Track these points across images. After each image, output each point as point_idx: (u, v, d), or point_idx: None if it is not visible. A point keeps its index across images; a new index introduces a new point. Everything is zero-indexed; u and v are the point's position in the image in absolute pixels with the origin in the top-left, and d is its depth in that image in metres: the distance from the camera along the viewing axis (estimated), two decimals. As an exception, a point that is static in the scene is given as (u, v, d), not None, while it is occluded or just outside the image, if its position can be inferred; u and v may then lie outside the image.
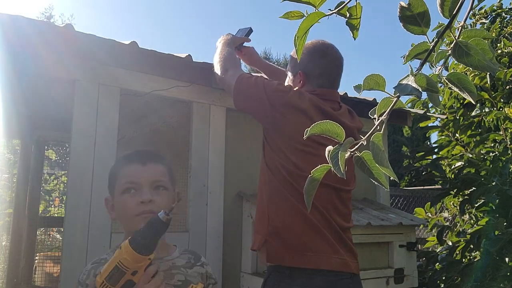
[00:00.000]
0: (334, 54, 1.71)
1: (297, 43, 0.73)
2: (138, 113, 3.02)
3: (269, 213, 1.52)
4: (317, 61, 1.67)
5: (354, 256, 1.53)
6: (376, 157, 0.57)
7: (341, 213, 1.55)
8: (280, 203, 1.50)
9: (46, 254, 3.88)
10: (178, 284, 1.21)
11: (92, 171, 1.93)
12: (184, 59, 2.10)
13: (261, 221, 1.56)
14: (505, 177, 2.35)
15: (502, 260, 2.19)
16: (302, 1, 0.75)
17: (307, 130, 0.62)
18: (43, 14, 18.28)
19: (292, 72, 1.73)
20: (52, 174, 5.17)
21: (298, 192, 1.46)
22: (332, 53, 1.71)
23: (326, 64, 1.68)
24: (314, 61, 1.67)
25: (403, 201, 6.65)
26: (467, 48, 0.62)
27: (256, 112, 1.63)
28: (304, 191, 0.64)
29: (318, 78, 1.67)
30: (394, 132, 11.70)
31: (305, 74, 1.67)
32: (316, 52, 1.69)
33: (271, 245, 1.50)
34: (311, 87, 1.66)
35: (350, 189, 1.62)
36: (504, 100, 2.93)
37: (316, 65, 1.67)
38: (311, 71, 1.67)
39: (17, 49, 1.83)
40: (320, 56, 1.68)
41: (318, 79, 1.67)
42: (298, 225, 1.47)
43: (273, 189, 1.53)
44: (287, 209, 1.49)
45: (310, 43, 1.71)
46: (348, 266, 1.47)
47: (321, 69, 1.67)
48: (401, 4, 0.62)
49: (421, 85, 0.59)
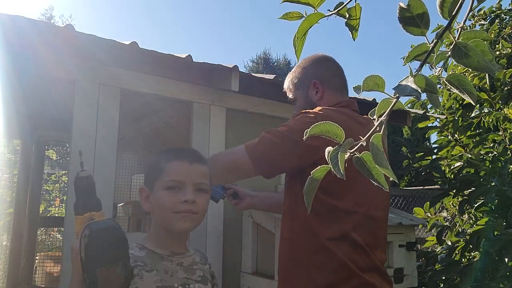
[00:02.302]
0: (332, 58, 1.69)
1: (297, 44, 0.73)
2: (138, 113, 3.02)
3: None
4: (325, 65, 1.64)
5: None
6: (375, 158, 0.58)
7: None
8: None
9: (47, 254, 3.89)
10: (198, 279, 1.23)
11: (92, 171, 1.93)
12: (184, 59, 2.10)
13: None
14: (504, 177, 2.35)
15: (501, 260, 2.19)
16: (301, 1, 0.75)
17: (306, 131, 0.62)
18: (44, 15, 18.26)
19: (303, 89, 1.63)
20: (52, 174, 5.17)
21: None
22: (331, 58, 1.69)
23: (333, 66, 1.66)
24: (323, 66, 1.64)
25: (403, 201, 6.66)
26: (467, 49, 0.62)
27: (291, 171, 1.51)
28: (304, 192, 0.64)
29: (333, 80, 1.62)
30: (394, 133, 11.71)
31: (320, 81, 1.60)
32: (319, 59, 1.67)
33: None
34: (332, 93, 1.60)
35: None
36: (503, 101, 2.93)
37: (327, 69, 1.63)
38: (324, 75, 1.61)
39: (17, 49, 1.83)
40: (324, 61, 1.66)
41: (333, 81, 1.62)
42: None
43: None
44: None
45: (309, 57, 1.68)
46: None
47: (332, 71, 1.64)
48: (400, 5, 0.63)
49: (420, 86, 0.59)
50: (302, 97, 1.63)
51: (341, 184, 1.19)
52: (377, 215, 1.49)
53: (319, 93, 1.60)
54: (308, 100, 1.61)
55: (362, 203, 1.44)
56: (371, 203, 1.47)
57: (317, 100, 1.60)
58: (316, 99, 1.60)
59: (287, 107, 2.51)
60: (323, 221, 1.41)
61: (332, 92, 1.60)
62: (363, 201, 1.44)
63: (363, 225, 1.44)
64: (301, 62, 1.67)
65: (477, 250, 2.46)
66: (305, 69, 1.64)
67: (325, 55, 1.69)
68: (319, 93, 1.60)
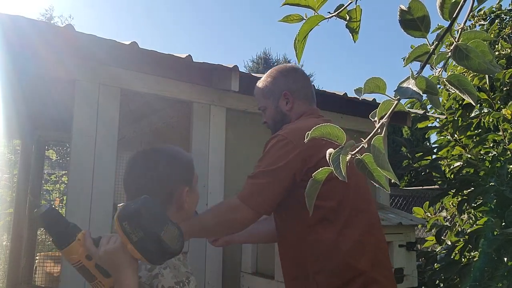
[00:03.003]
0: (300, 68, 1.75)
1: (297, 47, 0.73)
2: (138, 113, 3.02)
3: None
4: (293, 76, 1.69)
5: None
6: (377, 160, 0.58)
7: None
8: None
9: (47, 254, 3.89)
10: (191, 272, 1.20)
11: (92, 171, 1.93)
12: (184, 59, 2.10)
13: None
14: (503, 177, 2.36)
15: (500, 260, 2.19)
16: (301, 4, 0.75)
17: (307, 134, 0.62)
18: (44, 15, 18.25)
19: (274, 99, 1.67)
20: (52, 174, 5.18)
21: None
22: (298, 67, 1.74)
23: (301, 76, 1.71)
24: (292, 77, 1.69)
25: (403, 201, 6.66)
26: (467, 51, 0.62)
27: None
28: (306, 194, 0.64)
29: (302, 90, 1.68)
30: (394, 132, 11.71)
31: (290, 91, 1.65)
32: (289, 70, 1.71)
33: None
34: (301, 103, 1.66)
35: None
36: (502, 101, 2.94)
37: (295, 79, 1.68)
38: (293, 86, 1.66)
39: (17, 49, 1.83)
40: (294, 72, 1.71)
41: (302, 92, 1.67)
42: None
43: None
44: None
45: (279, 67, 1.73)
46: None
47: (301, 82, 1.69)
48: (401, 8, 0.63)
49: (421, 88, 0.59)
50: (273, 107, 1.68)
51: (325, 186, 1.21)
52: (364, 208, 1.53)
53: (289, 103, 1.65)
54: (278, 110, 1.67)
55: (347, 198, 1.48)
56: (356, 197, 1.51)
57: (287, 110, 1.65)
58: (287, 109, 1.65)
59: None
60: (316, 226, 1.45)
61: (301, 102, 1.66)
62: (348, 197, 1.48)
63: (355, 220, 1.47)
64: (271, 72, 1.72)
65: (476, 250, 2.46)
66: (276, 79, 1.68)
67: (294, 66, 1.74)
68: (289, 103, 1.65)
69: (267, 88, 1.69)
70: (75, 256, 0.99)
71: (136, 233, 0.94)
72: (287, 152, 1.44)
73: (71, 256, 0.99)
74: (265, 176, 1.46)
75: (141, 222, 0.94)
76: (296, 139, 1.45)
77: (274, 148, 1.48)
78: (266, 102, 1.69)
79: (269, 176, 1.44)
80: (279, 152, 1.46)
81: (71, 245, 0.98)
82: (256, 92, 1.74)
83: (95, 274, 1.00)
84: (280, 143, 1.47)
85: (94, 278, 1.00)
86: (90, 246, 1.00)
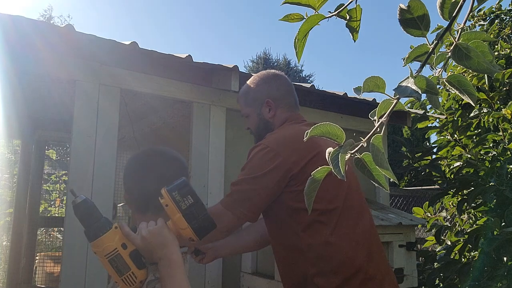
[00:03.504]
0: (283, 75, 1.75)
1: (297, 46, 0.73)
2: (138, 113, 3.02)
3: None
4: (276, 83, 1.69)
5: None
6: (376, 159, 0.58)
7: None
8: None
9: (47, 254, 3.89)
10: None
11: (92, 171, 1.93)
12: (184, 59, 2.11)
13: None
14: (503, 177, 2.35)
15: (500, 259, 2.19)
16: (302, 3, 0.75)
17: (307, 132, 0.62)
18: (43, 16, 18.25)
19: (256, 106, 1.68)
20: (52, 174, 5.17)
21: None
22: (281, 74, 1.75)
23: (284, 83, 1.71)
24: (274, 84, 1.69)
25: (403, 201, 6.66)
26: (467, 50, 0.62)
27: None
28: (305, 193, 0.64)
29: (285, 98, 1.68)
30: (394, 132, 11.71)
31: (272, 99, 1.65)
32: (270, 77, 1.71)
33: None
34: (283, 110, 1.66)
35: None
36: (501, 101, 2.94)
37: (278, 87, 1.69)
38: (276, 94, 1.67)
39: (18, 49, 1.83)
40: (277, 79, 1.71)
41: (285, 99, 1.68)
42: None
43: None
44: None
45: (262, 74, 1.73)
46: None
47: (284, 89, 1.70)
48: (400, 7, 0.63)
49: (420, 87, 0.59)
50: (255, 114, 1.68)
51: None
52: (354, 203, 1.54)
53: (271, 111, 1.66)
54: (261, 118, 1.67)
55: (338, 197, 1.49)
56: (346, 193, 1.52)
57: (270, 118, 1.66)
58: (269, 117, 1.66)
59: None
60: (310, 229, 1.45)
61: (284, 109, 1.67)
62: (338, 195, 1.49)
63: (347, 217, 1.48)
64: (254, 79, 1.73)
65: (476, 249, 2.46)
66: (259, 86, 1.69)
67: (277, 73, 1.74)
68: (271, 111, 1.66)
69: (250, 96, 1.69)
70: (111, 244, 1.01)
71: (185, 200, 1.03)
72: (270, 160, 1.45)
73: (106, 245, 1.00)
74: (248, 183, 1.47)
75: (190, 190, 1.04)
76: (279, 147, 1.47)
77: (256, 156, 1.50)
78: (248, 109, 1.70)
79: (252, 183, 1.46)
80: (261, 160, 1.47)
81: (107, 233, 1.01)
82: (239, 99, 1.75)
83: (129, 264, 1.01)
84: (262, 152, 1.48)
85: (127, 269, 1.01)
86: (129, 232, 1.03)
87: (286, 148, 1.48)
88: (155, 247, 1.03)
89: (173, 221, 1.04)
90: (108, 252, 1.00)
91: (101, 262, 1.01)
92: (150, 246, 1.03)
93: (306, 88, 2.56)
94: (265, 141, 1.52)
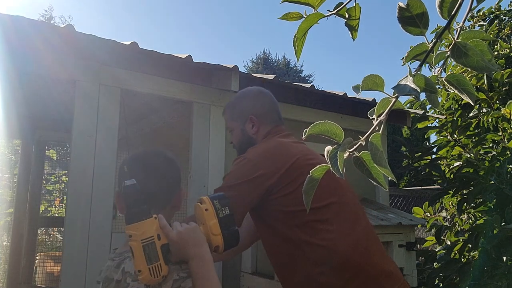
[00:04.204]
0: (268, 92, 1.78)
1: (297, 45, 0.73)
2: (138, 113, 3.02)
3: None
4: (261, 101, 1.73)
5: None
6: (374, 158, 0.58)
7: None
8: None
9: (47, 254, 3.90)
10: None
11: (92, 171, 1.93)
12: (184, 59, 2.11)
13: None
14: (503, 176, 2.35)
15: (500, 258, 2.19)
16: (301, 1, 0.75)
17: (305, 131, 0.62)
18: (43, 16, 18.25)
19: (240, 121, 1.71)
20: (52, 174, 5.18)
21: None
22: (266, 91, 1.78)
23: (269, 100, 1.75)
24: (258, 101, 1.72)
25: (402, 201, 6.65)
26: (466, 49, 0.63)
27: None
28: (304, 191, 0.64)
29: (269, 115, 1.71)
30: (393, 132, 11.70)
31: (256, 116, 1.69)
32: (256, 94, 1.75)
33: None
34: (266, 126, 1.70)
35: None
36: (500, 101, 2.94)
37: (262, 104, 1.72)
38: (260, 111, 1.70)
39: (18, 49, 1.84)
40: (260, 95, 1.74)
41: (269, 116, 1.71)
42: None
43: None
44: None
45: (247, 90, 1.77)
46: None
47: (268, 106, 1.73)
48: (399, 5, 0.63)
49: (419, 85, 0.59)
50: (239, 129, 1.72)
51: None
52: (347, 200, 1.56)
53: (254, 127, 1.69)
54: (244, 133, 1.71)
55: (331, 195, 1.51)
56: (339, 191, 1.54)
57: (253, 134, 1.70)
58: (252, 133, 1.70)
59: (286, 107, 2.52)
60: (307, 229, 1.47)
61: (266, 126, 1.70)
62: (332, 194, 1.51)
63: (341, 215, 1.50)
64: (240, 94, 1.78)
65: (476, 249, 2.46)
66: (243, 102, 1.73)
67: (262, 89, 1.78)
68: (254, 127, 1.69)
69: (235, 111, 1.73)
70: (150, 230, 1.05)
71: (224, 210, 1.12)
72: (248, 171, 1.51)
73: (144, 230, 1.04)
74: (229, 190, 1.49)
75: (228, 203, 1.14)
76: (257, 159, 1.53)
77: (236, 167, 1.56)
78: (233, 124, 1.74)
79: (233, 190, 1.48)
80: (242, 169, 1.53)
81: (147, 220, 1.05)
82: (225, 113, 1.79)
83: (160, 255, 1.04)
84: (242, 163, 1.54)
85: (157, 260, 1.03)
86: (166, 224, 1.07)
87: (264, 160, 1.53)
88: (190, 244, 1.06)
89: (208, 225, 1.10)
90: (146, 237, 1.03)
91: (132, 247, 1.03)
92: (184, 242, 1.06)
93: (306, 88, 2.56)
94: (246, 154, 1.58)
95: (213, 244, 1.11)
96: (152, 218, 1.06)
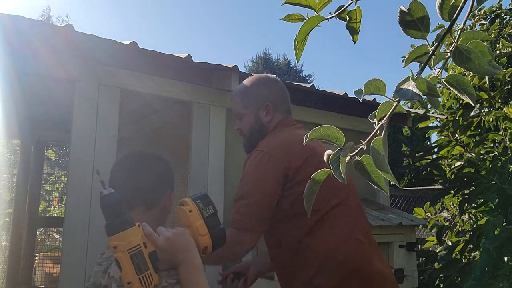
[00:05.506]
0: (281, 82, 1.76)
1: (297, 47, 0.73)
2: (138, 113, 3.02)
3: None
4: (276, 89, 1.71)
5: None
6: (376, 162, 0.57)
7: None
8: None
9: (46, 254, 3.89)
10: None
11: (92, 171, 1.93)
12: (184, 59, 2.10)
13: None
14: (505, 176, 2.35)
15: (501, 259, 2.19)
16: (302, 4, 0.75)
17: (306, 135, 0.62)
18: (42, 16, 18.23)
19: (254, 108, 1.67)
20: (52, 174, 5.17)
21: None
22: (280, 80, 1.76)
23: (283, 89, 1.73)
24: (274, 89, 1.70)
25: (403, 201, 6.64)
26: (468, 52, 0.62)
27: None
28: (304, 196, 0.64)
29: (282, 104, 1.69)
30: (394, 132, 11.70)
31: (272, 103, 1.66)
32: (270, 81, 1.72)
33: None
34: (279, 116, 1.67)
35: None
36: (502, 100, 2.93)
37: (278, 92, 1.70)
38: (276, 98, 1.68)
39: (17, 49, 1.83)
40: (276, 83, 1.72)
41: (282, 105, 1.69)
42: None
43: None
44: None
45: (261, 77, 1.74)
46: None
47: (282, 96, 1.71)
48: (401, 9, 0.62)
49: (422, 89, 0.59)
50: (252, 116, 1.68)
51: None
52: (351, 204, 1.55)
53: (268, 115, 1.66)
54: (258, 120, 1.67)
55: (332, 198, 1.50)
56: (339, 193, 1.53)
57: (267, 121, 1.67)
58: (266, 121, 1.66)
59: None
60: (309, 231, 1.46)
61: (280, 114, 1.68)
62: (332, 196, 1.50)
63: (340, 216, 1.49)
64: (254, 79, 1.72)
65: (477, 249, 2.46)
66: (259, 89, 1.69)
67: (276, 78, 1.76)
68: (268, 115, 1.66)
69: (250, 96, 1.69)
70: (136, 239, 1.00)
71: (208, 209, 1.10)
72: (265, 164, 1.47)
73: (129, 239, 0.99)
74: (252, 195, 1.47)
75: (211, 202, 1.12)
76: (272, 151, 1.50)
77: (253, 163, 1.52)
78: (244, 110, 1.69)
79: (256, 193, 1.46)
80: (257, 166, 1.49)
81: (130, 228, 1.00)
82: (235, 98, 1.74)
83: (148, 264, 1.00)
84: (258, 157, 1.50)
85: (146, 269, 0.99)
86: (151, 231, 1.03)
87: (280, 151, 1.50)
88: (178, 249, 1.03)
89: (195, 226, 1.08)
90: (132, 246, 0.99)
91: (119, 258, 0.98)
92: (173, 247, 1.03)
93: (306, 88, 2.55)
94: (258, 148, 1.55)
95: (201, 246, 1.08)
96: (136, 226, 1.01)
